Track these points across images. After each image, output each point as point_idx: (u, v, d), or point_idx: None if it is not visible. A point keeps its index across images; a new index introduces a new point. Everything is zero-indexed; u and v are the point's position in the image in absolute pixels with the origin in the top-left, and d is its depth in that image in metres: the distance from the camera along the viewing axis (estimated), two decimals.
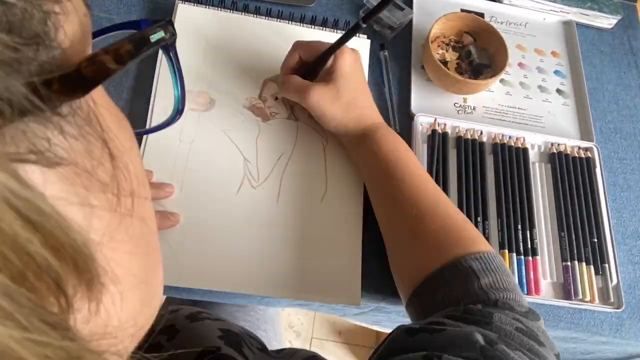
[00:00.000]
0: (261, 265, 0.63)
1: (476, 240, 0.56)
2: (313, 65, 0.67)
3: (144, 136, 0.67)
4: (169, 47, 0.36)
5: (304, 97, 0.65)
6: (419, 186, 0.61)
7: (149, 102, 0.70)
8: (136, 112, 0.70)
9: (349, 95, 0.65)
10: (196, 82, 0.72)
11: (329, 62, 0.66)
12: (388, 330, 0.52)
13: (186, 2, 0.77)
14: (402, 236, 0.60)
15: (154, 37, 0.25)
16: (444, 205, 0.60)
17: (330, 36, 0.80)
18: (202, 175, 0.67)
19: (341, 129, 0.67)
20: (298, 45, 0.68)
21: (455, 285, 0.52)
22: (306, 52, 0.68)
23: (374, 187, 0.65)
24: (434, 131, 0.75)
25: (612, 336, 0.70)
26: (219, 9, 0.78)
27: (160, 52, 0.72)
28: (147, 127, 0.68)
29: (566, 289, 0.69)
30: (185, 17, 0.76)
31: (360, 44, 0.80)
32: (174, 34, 0.28)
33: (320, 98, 0.64)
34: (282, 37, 0.78)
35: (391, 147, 0.64)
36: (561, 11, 0.91)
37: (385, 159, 0.63)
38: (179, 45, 0.75)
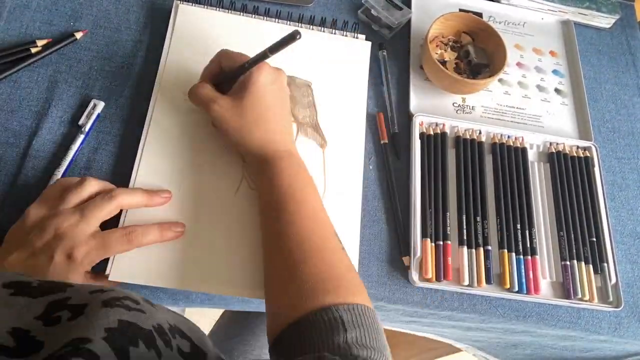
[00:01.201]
0: (259, 267, 0.63)
1: (353, 291, 0.54)
2: (229, 77, 0.63)
3: (143, 136, 0.67)
4: None
5: (208, 108, 0.62)
6: (309, 226, 0.58)
7: (149, 101, 0.70)
8: (136, 110, 0.70)
9: (255, 114, 0.61)
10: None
11: (245, 75, 0.62)
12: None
13: (185, 2, 0.77)
14: (280, 274, 0.57)
15: None
16: (330, 249, 0.57)
17: (332, 38, 0.80)
18: (200, 176, 0.67)
19: (242, 149, 0.64)
20: (222, 54, 0.64)
21: (321, 333, 0.49)
22: (228, 61, 0.64)
23: (265, 219, 0.62)
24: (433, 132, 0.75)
25: (610, 335, 0.70)
26: (218, 9, 0.78)
27: (165, 51, 0.72)
28: (147, 125, 0.68)
29: (565, 288, 0.69)
30: (185, 17, 0.76)
31: (361, 46, 0.80)
32: None
33: (223, 112, 0.61)
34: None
35: (290, 181, 0.60)
36: (559, 11, 0.91)
37: (280, 193, 0.60)
38: (180, 45, 0.75)
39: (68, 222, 0.55)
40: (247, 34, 0.77)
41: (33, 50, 0.70)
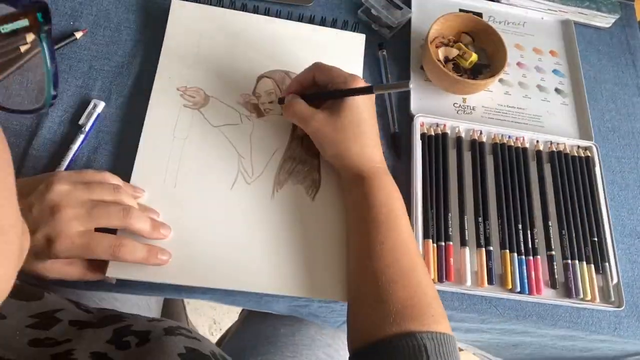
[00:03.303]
0: (257, 261, 0.63)
1: (438, 319, 0.55)
2: (321, 95, 0.66)
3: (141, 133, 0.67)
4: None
5: (306, 123, 0.64)
6: (400, 249, 0.59)
7: (148, 101, 0.70)
8: (137, 109, 0.70)
9: (353, 130, 0.63)
10: (190, 79, 0.72)
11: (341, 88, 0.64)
12: None
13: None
14: (368, 292, 0.58)
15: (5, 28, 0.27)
16: (418, 274, 0.58)
17: (326, 32, 0.80)
18: (196, 171, 0.67)
19: (338, 162, 0.65)
20: (317, 67, 0.66)
21: (405, 358, 0.51)
22: (322, 76, 0.66)
23: (356, 234, 0.63)
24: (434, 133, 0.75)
25: (610, 334, 0.70)
26: (217, 7, 0.78)
27: (162, 51, 0.72)
28: (144, 125, 0.68)
29: (567, 288, 0.69)
30: (180, 13, 0.76)
31: (355, 39, 0.80)
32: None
33: (322, 126, 0.63)
34: (275, 32, 0.78)
35: (384, 200, 0.61)
36: (559, 10, 0.91)
37: (375, 211, 0.60)
38: (175, 42, 0.75)
39: (70, 210, 0.53)
40: (242, 30, 0.77)
41: None
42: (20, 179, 0.57)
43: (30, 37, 0.69)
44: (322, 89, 0.67)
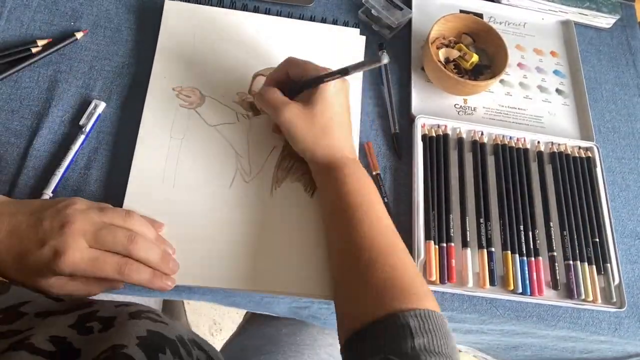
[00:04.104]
0: (257, 260, 0.63)
1: (421, 297, 0.54)
2: (296, 87, 0.65)
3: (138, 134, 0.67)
4: None
5: (278, 113, 0.62)
6: (376, 232, 0.59)
7: (144, 100, 0.70)
8: (137, 110, 0.69)
9: (323, 122, 0.63)
10: (186, 79, 0.72)
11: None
12: None
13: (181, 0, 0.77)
14: (349, 279, 0.58)
15: None
16: (398, 255, 0.58)
17: (320, 29, 0.80)
18: (194, 170, 0.67)
19: (308, 154, 0.65)
20: (289, 62, 0.66)
21: (389, 340, 0.51)
22: (295, 70, 0.65)
23: (332, 224, 0.63)
24: (435, 134, 0.75)
25: (610, 335, 0.70)
26: (210, 6, 0.78)
27: (156, 52, 0.72)
28: (141, 126, 0.68)
29: (569, 288, 0.69)
30: (173, 13, 0.76)
31: (354, 39, 0.80)
32: None
33: (293, 117, 0.62)
34: (270, 30, 0.78)
35: (356, 187, 0.62)
36: (560, 11, 0.91)
37: (348, 198, 0.61)
38: (169, 42, 0.75)
39: (79, 226, 0.52)
40: (236, 28, 0.77)
41: (34, 50, 0.69)
42: (39, 200, 0.58)
43: (41, 41, 0.69)
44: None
